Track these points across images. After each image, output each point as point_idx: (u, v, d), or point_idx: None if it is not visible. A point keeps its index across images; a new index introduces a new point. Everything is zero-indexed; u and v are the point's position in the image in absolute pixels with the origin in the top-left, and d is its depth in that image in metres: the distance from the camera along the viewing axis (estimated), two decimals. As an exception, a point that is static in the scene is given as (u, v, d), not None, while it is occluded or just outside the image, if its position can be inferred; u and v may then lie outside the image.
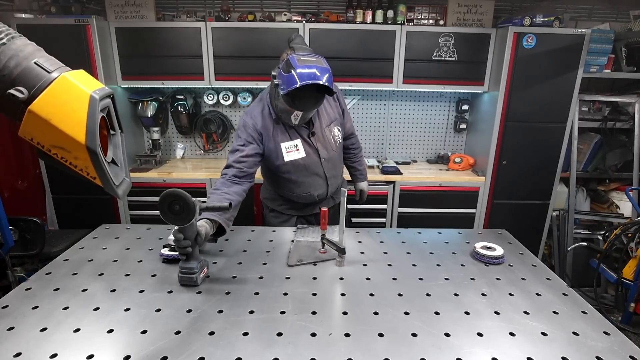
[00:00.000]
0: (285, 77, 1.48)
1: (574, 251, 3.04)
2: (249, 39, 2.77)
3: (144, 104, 3.02)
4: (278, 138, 1.71)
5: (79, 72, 0.84)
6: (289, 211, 1.93)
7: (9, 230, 1.89)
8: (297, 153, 1.73)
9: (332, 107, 1.83)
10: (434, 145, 3.44)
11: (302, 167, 1.77)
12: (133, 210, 2.94)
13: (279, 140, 1.71)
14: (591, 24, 3.04)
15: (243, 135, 1.67)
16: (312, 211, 1.93)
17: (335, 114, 1.83)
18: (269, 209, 1.99)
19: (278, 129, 1.71)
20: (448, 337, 1.05)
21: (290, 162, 1.73)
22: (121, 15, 2.80)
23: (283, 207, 1.93)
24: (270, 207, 1.98)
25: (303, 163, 1.76)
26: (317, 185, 1.84)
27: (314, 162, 1.78)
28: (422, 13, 2.92)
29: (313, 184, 1.83)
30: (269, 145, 1.71)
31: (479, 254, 1.49)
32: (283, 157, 1.72)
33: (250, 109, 1.74)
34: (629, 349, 1.02)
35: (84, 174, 0.84)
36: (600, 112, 3.07)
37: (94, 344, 1.00)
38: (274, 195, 1.93)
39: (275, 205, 1.95)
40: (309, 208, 1.93)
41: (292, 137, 1.73)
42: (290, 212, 1.93)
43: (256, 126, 1.68)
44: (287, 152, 1.72)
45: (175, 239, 1.23)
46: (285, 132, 1.72)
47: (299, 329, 1.07)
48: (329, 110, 1.81)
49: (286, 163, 1.73)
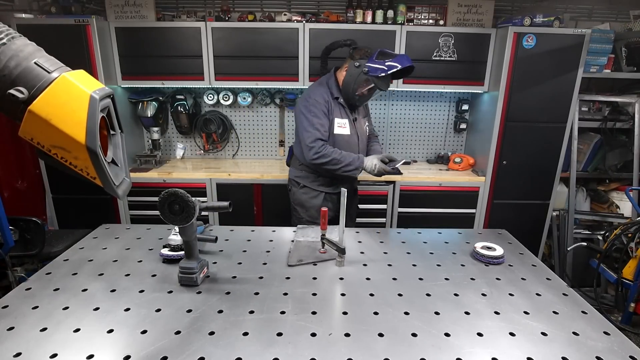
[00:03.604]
0: (381, 63, 1.98)
1: (574, 251, 3.04)
2: (249, 39, 2.77)
3: (144, 104, 3.02)
4: (334, 114, 2.12)
5: (79, 72, 0.84)
6: (320, 187, 2.23)
7: (9, 230, 1.89)
8: (344, 129, 2.14)
9: (364, 108, 2.33)
10: (434, 145, 3.44)
11: (345, 143, 2.14)
12: (133, 210, 2.94)
13: (334, 116, 2.11)
14: (591, 24, 3.04)
15: (317, 110, 2.05)
16: (337, 189, 2.17)
17: (365, 113, 2.35)
18: (300, 186, 2.27)
19: (336, 107, 2.12)
20: (448, 337, 1.05)
21: (337, 135, 2.12)
22: (121, 15, 2.79)
23: (315, 183, 2.23)
24: (301, 184, 2.26)
25: (346, 139, 2.15)
26: None
27: (353, 141, 2.19)
28: (422, 13, 2.91)
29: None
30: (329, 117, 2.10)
31: (479, 254, 1.49)
32: (334, 129, 2.11)
33: (313, 92, 2.11)
34: (629, 349, 1.02)
35: (84, 174, 0.84)
36: (600, 112, 3.07)
37: (94, 344, 1.00)
38: (308, 173, 2.23)
39: (308, 182, 2.25)
40: (337, 184, 2.21)
41: (343, 116, 2.15)
42: (320, 188, 2.24)
43: (323, 101, 2.08)
44: (338, 127, 2.12)
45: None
46: (339, 111, 2.14)
47: (299, 329, 1.07)
48: (363, 108, 2.32)
49: (334, 135, 2.11)
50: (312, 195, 2.24)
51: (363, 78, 2.02)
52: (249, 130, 3.36)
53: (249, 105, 3.22)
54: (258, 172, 2.95)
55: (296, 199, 2.29)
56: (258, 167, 3.14)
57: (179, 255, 1.40)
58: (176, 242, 1.43)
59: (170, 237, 1.45)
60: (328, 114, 2.09)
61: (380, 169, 2.00)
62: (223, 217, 2.91)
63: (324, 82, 2.18)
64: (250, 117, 3.33)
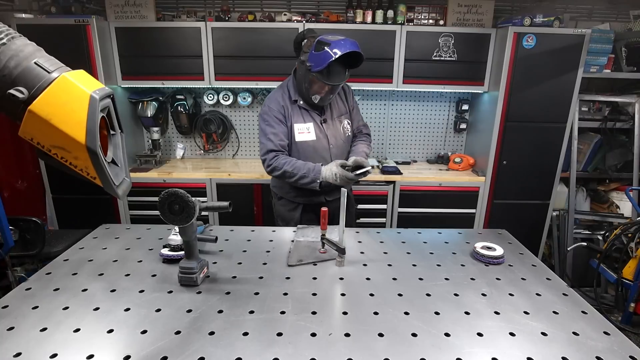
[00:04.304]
0: (319, 55, 1.67)
1: (574, 251, 3.04)
2: (249, 39, 2.77)
3: (144, 104, 3.02)
4: (293, 119, 1.88)
5: (79, 72, 0.84)
6: (297, 199, 2.00)
7: (9, 230, 1.89)
8: (308, 135, 1.89)
9: (342, 103, 2.02)
10: (434, 145, 3.44)
11: (312, 150, 1.90)
12: (133, 210, 2.94)
13: (293, 121, 1.88)
14: (591, 24, 3.05)
15: (270, 118, 1.85)
16: (317, 199, 1.98)
17: (344, 109, 2.02)
18: (278, 197, 2.08)
19: (295, 111, 1.89)
20: (448, 337, 1.05)
21: (300, 142, 1.88)
22: (121, 15, 2.80)
23: (291, 194, 2.01)
24: (279, 195, 2.07)
25: (313, 145, 1.90)
26: None
27: (322, 147, 1.92)
28: (422, 13, 2.91)
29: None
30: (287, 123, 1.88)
31: (479, 254, 1.49)
32: (295, 137, 1.88)
33: (269, 99, 1.92)
34: (629, 349, 1.02)
35: (84, 174, 0.84)
36: (600, 112, 3.07)
37: (94, 344, 1.00)
38: (282, 184, 2.00)
39: (284, 192, 2.03)
40: (315, 196, 1.97)
41: (306, 120, 1.90)
42: (297, 199, 2.00)
43: (278, 107, 1.87)
44: (299, 133, 1.88)
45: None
46: (300, 115, 1.89)
47: (299, 329, 1.07)
48: (340, 104, 2.01)
49: (296, 143, 1.88)
50: (290, 208, 2.03)
51: (309, 76, 1.75)
52: (249, 130, 3.36)
53: (249, 105, 3.22)
54: (258, 172, 2.95)
55: (276, 210, 2.12)
56: (258, 167, 3.13)
57: (179, 255, 1.40)
58: (176, 242, 1.43)
59: (170, 237, 1.45)
60: (285, 120, 1.86)
61: (342, 178, 1.71)
62: (223, 217, 2.91)
63: (284, 85, 1.96)
64: (250, 117, 3.33)
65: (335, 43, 1.66)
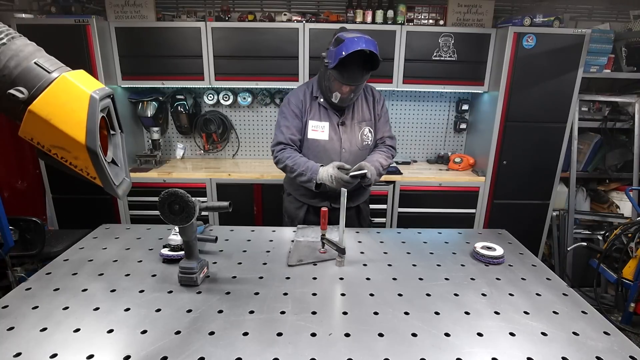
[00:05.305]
0: (334, 51, 1.62)
1: (574, 251, 3.04)
2: (249, 39, 2.77)
3: (144, 104, 3.02)
4: (310, 115, 1.85)
5: (79, 72, 0.84)
6: (302, 198, 1.98)
7: (9, 230, 1.89)
8: (321, 134, 1.84)
9: (367, 109, 1.92)
10: (434, 145, 3.44)
11: (322, 150, 1.85)
12: (133, 210, 2.94)
13: (309, 117, 1.85)
14: (591, 24, 3.04)
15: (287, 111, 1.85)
16: (323, 203, 1.89)
17: (369, 116, 1.92)
18: (287, 193, 2.07)
19: (314, 107, 1.85)
20: (448, 337, 1.05)
21: (312, 140, 1.85)
22: (121, 15, 2.79)
23: (298, 192, 1.98)
24: (287, 191, 2.06)
25: (324, 146, 1.85)
26: None
27: (334, 149, 1.86)
28: (422, 13, 2.91)
29: None
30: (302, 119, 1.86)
31: (479, 254, 1.49)
32: (307, 133, 1.85)
33: (292, 92, 1.91)
34: (629, 349, 1.02)
35: (84, 174, 0.84)
36: (600, 112, 3.07)
37: (94, 344, 1.00)
38: (292, 179, 1.93)
39: (292, 189, 2.01)
40: (319, 198, 1.92)
41: (323, 119, 1.85)
42: (302, 198, 1.98)
43: (297, 101, 1.85)
44: (312, 130, 1.84)
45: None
46: (318, 112, 1.85)
47: (299, 329, 1.07)
48: (364, 110, 1.91)
49: (308, 139, 1.85)
50: (297, 206, 2.01)
51: (328, 73, 1.72)
52: (249, 130, 3.36)
53: (249, 105, 3.22)
54: (258, 172, 2.95)
55: (285, 206, 2.10)
56: (258, 167, 3.14)
57: (179, 255, 1.40)
58: (176, 242, 1.43)
59: (170, 237, 1.45)
60: (301, 114, 1.84)
61: (338, 180, 1.64)
62: (223, 217, 2.91)
63: (311, 80, 1.94)
64: (250, 117, 3.33)
65: (348, 40, 1.59)
